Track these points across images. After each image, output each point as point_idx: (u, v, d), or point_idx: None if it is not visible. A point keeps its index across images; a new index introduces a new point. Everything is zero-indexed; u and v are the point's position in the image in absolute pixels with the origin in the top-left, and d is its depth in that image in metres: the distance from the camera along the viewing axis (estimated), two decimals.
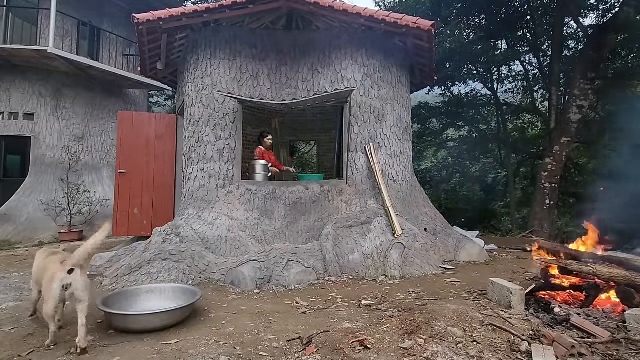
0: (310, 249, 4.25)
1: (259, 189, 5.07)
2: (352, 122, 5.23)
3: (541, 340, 2.18)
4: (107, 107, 9.78)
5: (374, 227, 4.58)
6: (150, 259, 4.01)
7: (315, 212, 4.98)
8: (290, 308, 3.06)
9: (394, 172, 5.45)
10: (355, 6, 4.76)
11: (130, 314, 2.64)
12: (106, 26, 9.85)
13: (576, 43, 11.07)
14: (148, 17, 4.83)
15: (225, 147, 5.16)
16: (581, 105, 8.39)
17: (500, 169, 13.80)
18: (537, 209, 8.67)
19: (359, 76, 5.30)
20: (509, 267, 4.81)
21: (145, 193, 6.02)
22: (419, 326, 2.42)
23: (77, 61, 8.46)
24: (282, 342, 2.31)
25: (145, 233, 5.71)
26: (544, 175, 8.67)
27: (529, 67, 12.20)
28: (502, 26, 10.50)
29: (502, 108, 12.48)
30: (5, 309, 3.05)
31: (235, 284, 3.74)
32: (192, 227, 4.59)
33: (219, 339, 2.38)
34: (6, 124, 8.60)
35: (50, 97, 8.88)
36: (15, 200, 8.11)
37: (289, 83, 5.35)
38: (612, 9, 9.79)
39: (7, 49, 7.93)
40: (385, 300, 3.22)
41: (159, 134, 6.18)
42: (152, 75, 6.90)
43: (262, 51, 5.33)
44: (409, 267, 4.24)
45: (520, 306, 2.76)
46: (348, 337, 2.32)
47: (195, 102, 5.34)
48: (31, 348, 2.26)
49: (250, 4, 4.70)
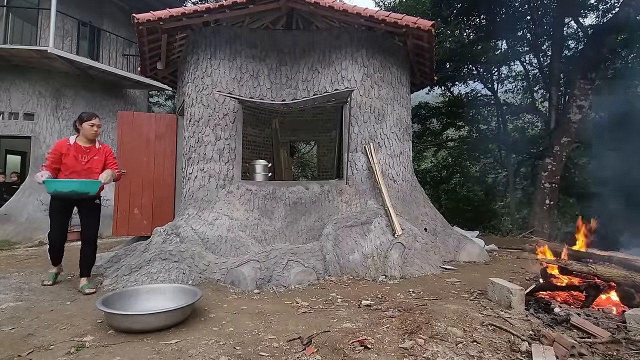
0: (310, 249, 4.25)
1: (259, 189, 5.07)
2: (352, 122, 5.23)
3: (541, 340, 2.18)
4: (107, 107, 9.79)
5: (374, 227, 4.58)
6: (150, 259, 4.01)
7: (315, 212, 4.97)
8: (290, 308, 3.06)
9: (394, 172, 5.45)
10: (355, 6, 4.75)
11: (130, 314, 2.64)
12: (106, 26, 9.86)
13: (576, 43, 11.08)
14: (148, 17, 4.83)
15: (225, 147, 5.16)
16: (581, 105, 8.40)
17: (500, 169, 13.80)
18: (537, 209, 8.68)
19: (359, 76, 5.30)
20: (509, 267, 4.81)
21: (145, 193, 6.02)
22: (419, 326, 2.42)
23: (77, 61, 8.48)
24: (282, 342, 2.31)
25: (145, 233, 5.71)
26: (544, 175, 8.67)
27: (529, 67, 12.22)
28: (502, 26, 10.51)
29: (502, 108, 12.49)
30: (5, 309, 3.05)
31: (235, 284, 3.74)
32: (192, 227, 4.59)
33: (219, 339, 2.38)
34: (6, 124, 8.61)
35: (50, 97, 8.89)
36: (15, 201, 8.12)
37: (289, 83, 5.35)
38: (612, 9, 9.80)
39: (7, 49, 7.94)
40: (385, 300, 3.22)
41: (159, 134, 6.19)
42: (152, 75, 6.91)
43: (262, 51, 5.33)
44: (409, 267, 4.24)
45: (520, 306, 2.76)
46: (348, 337, 2.32)
47: (195, 102, 5.34)
48: (31, 348, 2.26)
49: (250, 4, 4.70)
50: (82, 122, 3.62)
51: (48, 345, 2.30)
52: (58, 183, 3.40)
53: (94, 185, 3.41)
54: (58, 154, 3.55)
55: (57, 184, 3.39)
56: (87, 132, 3.64)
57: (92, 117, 3.65)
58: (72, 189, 3.34)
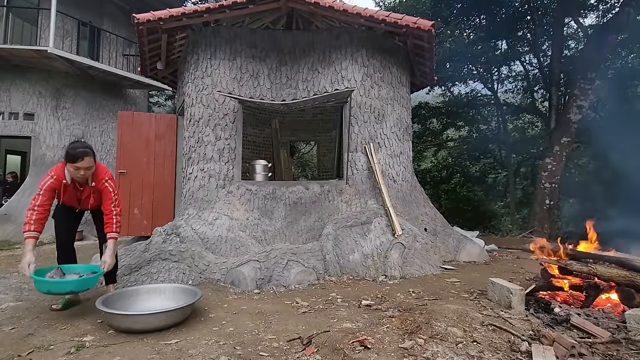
0: (310, 249, 4.25)
1: (259, 189, 5.07)
2: (352, 122, 5.23)
3: (541, 340, 2.18)
4: (107, 107, 9.79)
5: (374, 227, 4.58)
6: (150, 259, 4.01)
7: (315, 212, 4.97)
8: (290, 308, 3.06)
9: (394, 172, 5.45)
10: (355, 6, 4.75)
11: (130, 314, 2.64)
12: (106, 26, 9.86)
13: (576, 43, 11.09)
14: (148, 17, 4.83)
15: (225, 147, 5.16)
16: (581, 105, 8.40)
17: (500, 169, 13.81)
18: (537, 209, 8.68)
19: (359, 76, 5.30)
20: (509, 267, 4.81)
21: (145, 193, 6.02)
22: (419, 326, 2.42)
23: (77, 61, 8.47)
24: (282, 342, 2.31)
25: (145, 233, 5.71)
26: (544, 175, 8.67)
27: (529, 67, 12.22)
28: (502, 26, 10.52)
29: (502, 108, 12.50)
30: (6, 309, 3.05)
31: (235, 284, 3.73)
32: (192, 227, 4.59)
33: (219, 339, 2.38)
34: (6, 124, 8.61)
35: (50, 97, 8.88)
36: (16, 201, 8.12)
37: (289, 83, 5.35)
38: (612, 9, 9.81)
39: (7, 49, 7.94)
40: (385, 300, 3.22)
41: (159, 134, 6.19)
42: (152, 75, 6.91)
43: (262, 51, 5.33)
44: (409, 267, 4.24)
45: (520, 306, 2.76)
46: (348, 337, 2.32)
47: (195, 102, 5.34)
48: (31, 348, 2.26)
49: (250, 4, 4.70)
50: (67, 162, 2.86)
51: (48, 345, 2.30)
52: (51, 283, 2.69)
53: (93, 281, 2.84)
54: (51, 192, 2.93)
55: (50, 284, 2.69)
56: (73, 175, 2.91)
57: (77, 159, 2.81)
58: (69, 289, 2.76)
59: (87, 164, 2.87)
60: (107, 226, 3.06)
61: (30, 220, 2.80)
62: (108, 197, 3.07)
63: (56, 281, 2.72)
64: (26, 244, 2.77)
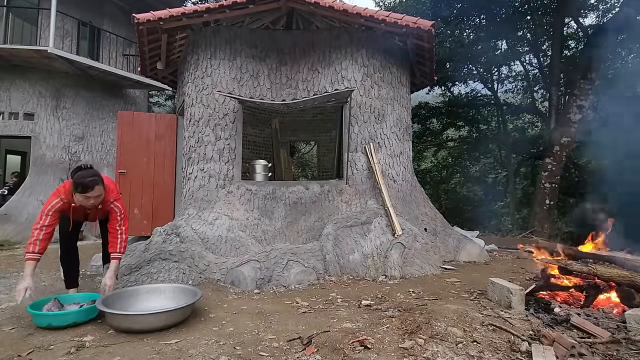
0: (310, 249, 4.25)
1: (259, 189, 5.07)
2: (352, 122, 5.23)
3: (541, 340, 2.18)
4: (107, 107, 9.79)
5: (374, 227, 4.58)
6: (150, 259, 4.01)
7: (315, 212, 4.97)
8: (290, 308, 3.06)
9: (394, 172, 5.45)
10: (355, 6, 4.76)
11: (130, 314, 2.64)
12: (106, 26, 9.85)
13: (576, 43, 11.08)
14: (148, 17, 4.83)
15: (225, 147, 5.16)
16: (581, 105, 8.39)
17: (500, 169, 13.81)
18: (537, 209, 8.67)
19: (359, 76, 5.30)
20: (509, 267, 4.82)
21: (145, 193, 6.03)
22: (419, 326, 2.42)
23: (77, 61, 8.47)
24: (282, 342, 2.31)
25: (145, 233, 5.72)
26: (544, 175, 8.67)
27: (529, 67, 12.22)
28: (502, 26, 10.51)
29: (502, 108, 12.49)
30: (5, 309, 3.05)
31: (235, 284, 3.74)
32: (192, 227, 4.59)
33: (219, 339, 2.38)
34: (6, 124, 8.60)
35: (50, 97, 8.88)
36: (16, 200, 8.12)
37: (289, 83, 5.35)
38: (612, 9, 9.81)
39: (7, 49, 7.93)
40: (385, 300, 3.22)
41: (159, 134, 6.19)
42: (152, 75, 6.91)
43: (262, 51, 5.33)
44: (409, 267, 4.24)
45: (520, 306, 2.76)
46: (348, 337, 2.32)
47: (195, 102, 5.34)
48: (31, 348, 2.26)
49: (250, 4, 4.70)
50: (75, 192, 2.79)
51: (48, 345, 2.30)
52: (52, 317, 2.58)
53: (95, 310, 2.69)
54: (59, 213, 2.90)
55: (51, 317, 2.57)
56: (82, 203, 2.84)
57: (88, 190, 2.75)
58: (72, 321, 2.60)
59: (97, 192, 2.83)
60: (112, 245, 3.03)
61: (37, 241, 2.77)
62: (114, 217, 3.05)
63: (57, 314, 2.63)
64: (26, 266, 2.73)
